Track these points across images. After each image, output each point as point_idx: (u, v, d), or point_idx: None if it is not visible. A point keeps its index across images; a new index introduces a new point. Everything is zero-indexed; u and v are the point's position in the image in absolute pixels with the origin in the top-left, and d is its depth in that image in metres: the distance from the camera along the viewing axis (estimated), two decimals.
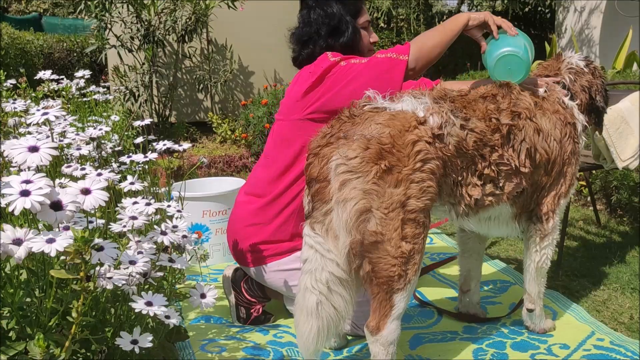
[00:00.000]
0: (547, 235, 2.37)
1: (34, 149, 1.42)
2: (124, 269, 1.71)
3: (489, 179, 2.16)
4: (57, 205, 1.37)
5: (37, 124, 2.00)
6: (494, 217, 2.30)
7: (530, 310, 2.47)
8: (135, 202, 1.88)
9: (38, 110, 1.88)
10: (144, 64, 5.97)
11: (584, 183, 4.19)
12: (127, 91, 5.90)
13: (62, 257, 1.52)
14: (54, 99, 3.48)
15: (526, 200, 2.31)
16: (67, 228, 1.52)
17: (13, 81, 3.20)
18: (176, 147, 2.44)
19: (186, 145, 2.65)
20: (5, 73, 3.04)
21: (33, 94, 3.53)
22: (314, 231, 2.02)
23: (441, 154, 2.04)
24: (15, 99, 2.55)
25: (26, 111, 2.42)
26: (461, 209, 2.16)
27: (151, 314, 1.60)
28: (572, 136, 2.35)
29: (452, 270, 3.09)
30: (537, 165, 2.26)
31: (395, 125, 1.99)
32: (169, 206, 2.04)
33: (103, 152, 2.53)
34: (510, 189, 2.21)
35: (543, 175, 2.30)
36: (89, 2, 5.72)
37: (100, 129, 2.47)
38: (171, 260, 1.91)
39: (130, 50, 5.95)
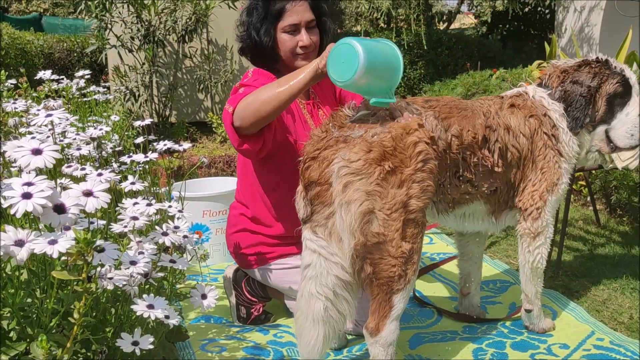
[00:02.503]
0: (539, 234, 2.37)
1: (37, 152, 1.43)
2: (125, 269, 1.71)
3: (466, 180, 2.22)
4: (60, 209, 1.37)
5: (41, 125, 2.00)
6: (469, 213, 2.35)
7: (528, 311, 2.47)
8: (136, 203, 1.88)
9: (39, 110, 1.89)
10: (144, 64, 5.97)
11: (583, 183, 4.19)
12: (128, 91, 5.90)
13: (63, 258, 1.53)
14: (54, 99, 3.48)
15: (500, 198, 2.34)
16: (67, 228, 1.52)
17: (13, 81, 3.20)
18: (176, 147, 2.45)
19: (186, 145, 2.66)
20: (6, 73, 3.04)
21: (34, 94, 3.54)
22: (316, 235, 2.02)
23: (436, 154, 2.09)
24: (16, 99, 2.56)
25: (26, 111, 2.42)
26: (441, 206, 2.24)
27: (152, 317, 1.61)
28: (544, 129, 2.33)
29: (452, 270, 3.09)
30: (509, 164, 2.29)
31: (396, 127, 2.01)
32: (170, 207, 2.04)
33: (103, 152, 2.54)
34: (485, 188, 2.27)
35: (515, 173, 2.32)
36: (89, 2, 5.72)
37: (101, 129, 2.48)
38: (172, 261, 1.92)
39: (130, 50, 5.95)
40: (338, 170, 1.95)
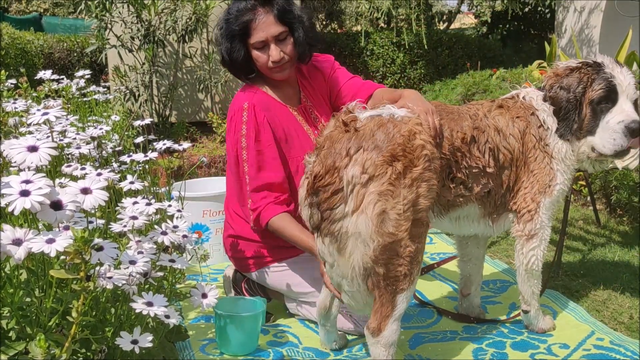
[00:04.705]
0: (533, 236, 2.36)
1: (33, 149, 1.42)
2: (124, 268, 1.71)
3: (459, 182, 2.23)
4: (57, 205, 1.37)
5: (38, 123, 2.00)
6: (463, 216, 2.34)
7: (525, 312, 2.47)
8: (135, 202, 1.88)
9: (38, 110, 1.89)
10: (144, 63, 5.97)
11: (583, 183, 4.19)
12: (128, 91, 5.90)
13: (62, 257, 1.53)
14: (54, 98, 3.48)
15: (496, 201, 2.33)
16: (67, 228, 1.52)
17: (13, 81, 3.20)
18: (176, 146, 2.45)
19: (186, 145, 2.66)
20: (6, 73, 3.03)
21: (34, 94, 3.54)
22: (324, 244, 2.06)
23: (438, 154, 2.10)
24: (16, 99, 2.55)
25: (27, 111, 2.42)
26: (436, 209, 2.24)
27: (151, 315, 1.60)
28: (532, 131, 2.31)
29: (452, 270, 3.09)
30: (501, 165, 2.29)
31: (401, 129, 2.02)
32: (169, 206, 2.04)
33: (103, 152, 2.54)
34: (478, 190, 2.26)
35: (509, 175, 2.32)
36: (89, 2, 5.72)
37: (101, 129, 2.48)
38: (172, 260, 1.92)
39: (130, 50, 5.95)
40: (351, 177, 1.96)
